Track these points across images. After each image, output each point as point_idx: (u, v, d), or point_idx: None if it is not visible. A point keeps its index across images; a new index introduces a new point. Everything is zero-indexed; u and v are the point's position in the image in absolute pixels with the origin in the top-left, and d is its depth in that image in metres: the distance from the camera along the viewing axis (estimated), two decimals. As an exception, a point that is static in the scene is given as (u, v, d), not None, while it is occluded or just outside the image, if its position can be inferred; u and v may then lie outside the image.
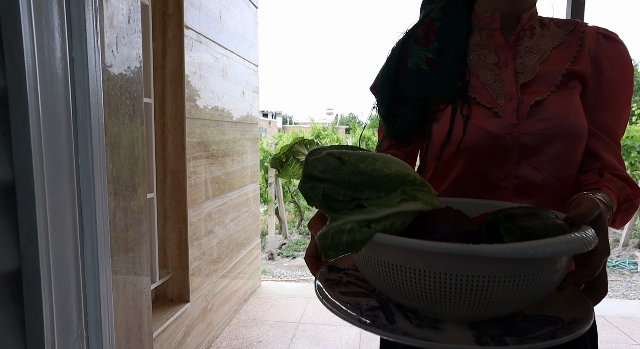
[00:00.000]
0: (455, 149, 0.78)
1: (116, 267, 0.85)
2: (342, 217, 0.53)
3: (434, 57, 0.81)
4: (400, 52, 0.85)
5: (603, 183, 0.72)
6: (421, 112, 0.84)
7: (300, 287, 3.47)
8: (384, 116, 0.87)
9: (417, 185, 0.56)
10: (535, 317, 0.55)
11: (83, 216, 0.70)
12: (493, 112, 0.77)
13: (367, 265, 0.56)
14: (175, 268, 2.13)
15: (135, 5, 0.88)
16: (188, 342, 2.15)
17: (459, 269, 0.47)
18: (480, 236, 0.55)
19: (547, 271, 0.49)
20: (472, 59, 0.82)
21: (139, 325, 0.95)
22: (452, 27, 0.83)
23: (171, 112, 2.05)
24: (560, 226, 0.52)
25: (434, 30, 0.84)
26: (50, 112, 0.60)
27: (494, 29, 0.81)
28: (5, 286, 0.57)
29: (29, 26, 0.54)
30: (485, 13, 0.82)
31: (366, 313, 0.56)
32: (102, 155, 0.74)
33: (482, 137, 0.76)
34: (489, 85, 0.79)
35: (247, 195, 2.98)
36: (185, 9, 2.00)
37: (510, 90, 0.77)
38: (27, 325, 0.59)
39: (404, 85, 0.83)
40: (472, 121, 0.77)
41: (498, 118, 0.76)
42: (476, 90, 0.80)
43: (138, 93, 0.91)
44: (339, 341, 2.48)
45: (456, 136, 0.77)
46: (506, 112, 0.76)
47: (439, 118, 0.81)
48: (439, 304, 0.50)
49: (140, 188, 0.97)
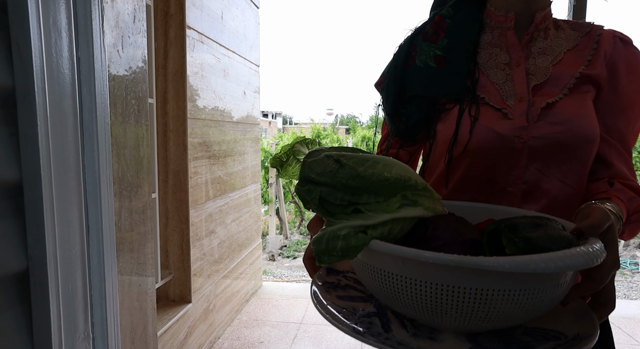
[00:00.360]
0: (462, 150, 0.75)
1: (121, 268, 0.84)
2: (338, 222, 0.51)
3: (442, 54, 0.79)
4: (408, 48, 0.82)
5: (613, 192, 0.69)
6: (427, 110, 0.81)
7: (302, 287, 3.46)
8: (389, 114, 0.84)
9: (419, 189, 0.54)
10: (537, 330, 0.53)
11: (89, 216, 0.70)
12: (502, 113, 0.74)
13: (364, 271, 0.54)
14: (177, 269, 2.13)
15: (140, 5, 0.87)
16: (190, 343, 2.15)
17: (456, 281, 0.45)
18: (482, 245, 0.53)
19: (549, 285, 0.47)
20: (483, 58, 0.79)
21: (144, 326, 0.94)
22: (463, 25, 0.81)
23: (173, 112, 2.05)
24: (566, 239, 0.49)
25: (444, 27, 0.81)
26: (58, 112, 0.60)
27: (507, 28, 0.79)
28: (12, 287, 0.57)
29: (37, 26, 0.54)
30: (498, 11, 0.79)
31: (362, 319, 0.55)
32: (108, 155, 0.73)
33: (490, 138, 0.73)
34: (499, 85, 0.76)
35: (248, 196, 2.98)
36: (187, 9, 1.99)
37: (521, 91, 0.75)
38: (35, 327, 0.58)
39: (411, 83, 0.80)
40: (481, 122, 0.74)
41: (507, 120, 0.73)
42: (485, 89, 0.77)
43: (143, 94, 0.90)
44: (340, 342, 2.47)
45: (463, 137, 0.75)
46: (516, 113, 0.73)
47: (444, 118, 0.79)
48: (435, 315, 0.49)
49: (145, 188, 0.97)
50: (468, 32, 0.80)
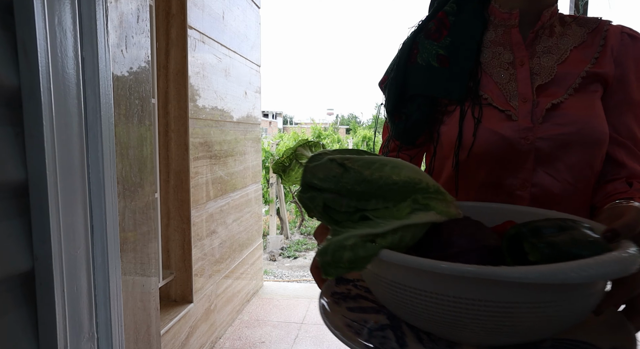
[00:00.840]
0: (467, 154, 0.73)
1: (125, 268, 0.84)
2: (344, 231, 0.47)
3: (445, 53, 0.77)
4: (411, 45, 0.80)
5: (635, 192, 0.66)
6: (428, 111, 0.79)
7: (303, 287, 3.46)
8: (390, 112, 0.83)
9: (430, 192, 0.50)
10: (566, 343, 0.47)
11: (93, 216, 0.70)
12: (506, 114, 0.72)
13: (374, 283, 0.50)
14: (179, 269, 2.13)
15: (144, 5, 0.87)
16: (191, 343, 2.15)
17: (476, 293, 0.41)
18: (502, 252, 0.48)
19: (580, 296, 0.42)
20: (486, 56, 0.77)
21: (147, 326, 0.94)
22: (467, 23, 0.78)
23: (174, 112, 2.05)
24: (596, 243, 0.44)
25: (447, 24, 0.79)
26: (63, 112, 0.60)
27: (511, 26, 0.76)
28: (18, 287, 0.57)
29: (43, 26, 0.54)
30: (502, 8, 0.77)
31: (374, 332, 0.51)
32: (112, 155, 0.73)
33: (494, 141, 0.71)
34: (502, 85, 0.74)
35: (249, 196, 2.98)
36: (188, 9, 1.99)
37: (525, 92, 0.72)
38: (40, 327, 0.58)
39: (413, 81, 0.78)
40: (484, 124, 0.72)
41: (511, 122, 0.71)
42: (488, 89, 0.75)
43: (146, 94, 0.90)
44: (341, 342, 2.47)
45: (466, 140, 0.73)
46: (520, 115, 0.71)
47: (447, 121, 0.77)
48: (454, 329, 0.44)
49: (147, 188, 0.97)
50: (472, 31, 0.78)
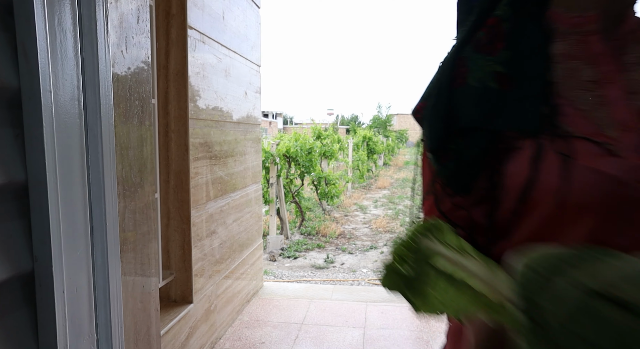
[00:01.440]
0: (555, 206, 0.53)
1: (125, 268, 0.84)
2: None
3: (505, 71, 0.58)
4: (454, 62, 0.61)
5: None
6: (487, 145, 0.58)
7: (303, 288, 3.46)
8: (433, 150, 0.62)
9: None
10: None
11: (93, 217, 0.70)
12: (605, 148, 0.52)
13: None
14: (179, 269, 2.13)
15: (144, 5, 0.87)
16: (191, 343, 2.14)
17: None
18: None
19: None
20: (558, 74, 0.58)
21: (148, 327, 0.94)
22: (529, 30, 0.61)
23: (174, 112, 2.05)
24: None
25: (502, 33, 0.60)
26: (63, 113, 0.60)
27: (588, 33, 0.58)
28: (18, 289, 0.57)
29: (43, 27, 0.54)
30: (571, 11, 0.59)
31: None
32: (112, 156, 0.73)
33: (593, 183, 0.51)
34: (587, 111, 0.56)
35: (249, 196, 2.98)
36: (188, 9, 1.99)
37: (624, 118, 0.54)
38: (40, 328, 0.58)
39: (465, 110, 0.59)
40: (578, 160, 0.53)
41: (613, 157, 0.52)
42: (568, 118, 0.55)
43: (147, 94, 0.90)
44: (342, 342, 2.47)
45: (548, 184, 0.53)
46: (623, 147, 0.52)
47: (514, 157, 0.56)
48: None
49: (147, 188, 0.97)
50: (534, 40, 0.60)
